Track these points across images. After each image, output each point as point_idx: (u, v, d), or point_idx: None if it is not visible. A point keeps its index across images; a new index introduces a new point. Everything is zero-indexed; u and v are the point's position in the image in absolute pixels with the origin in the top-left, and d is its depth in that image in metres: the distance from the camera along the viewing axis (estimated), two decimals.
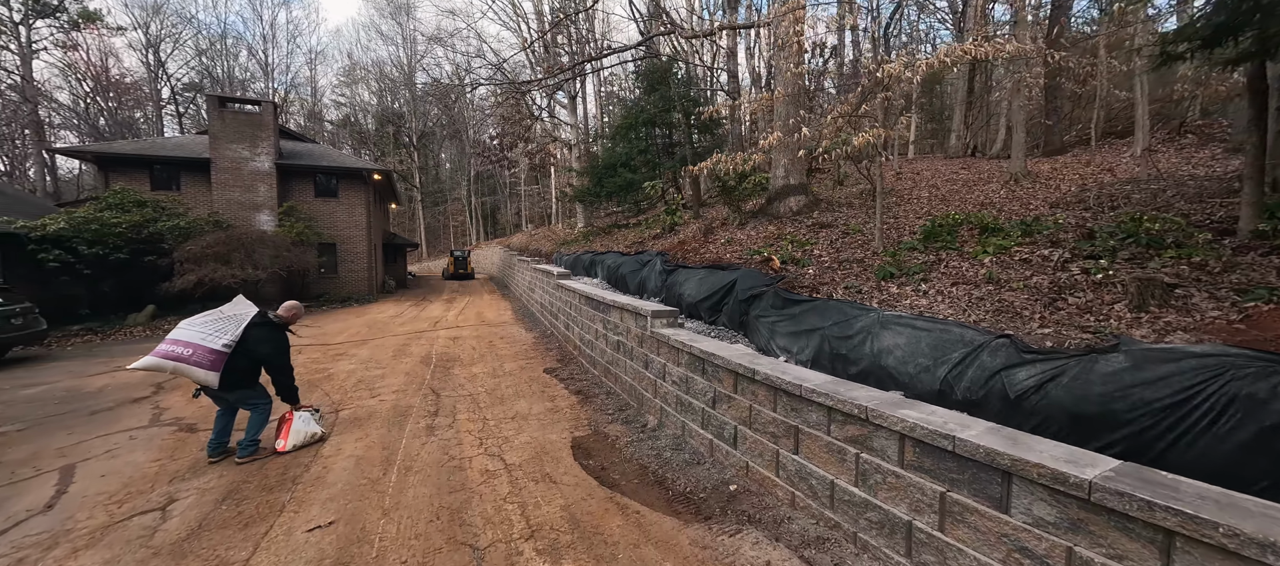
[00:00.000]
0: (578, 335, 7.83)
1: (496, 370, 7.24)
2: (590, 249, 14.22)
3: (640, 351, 5.29)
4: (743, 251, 7.66)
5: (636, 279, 9.29)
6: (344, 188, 18.12)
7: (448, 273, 29.77)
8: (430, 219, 57.99)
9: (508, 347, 8.99)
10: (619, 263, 10.43)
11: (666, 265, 8.37)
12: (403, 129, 52.16)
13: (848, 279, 5.36)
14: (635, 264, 9.64)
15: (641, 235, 12.95)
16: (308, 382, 6.78)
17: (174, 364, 3.74)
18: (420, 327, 11.71)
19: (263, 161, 16.36)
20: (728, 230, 9.12)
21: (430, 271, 42.40)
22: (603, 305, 6.51)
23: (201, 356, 3.77)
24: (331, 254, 17.94)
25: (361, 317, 13.77)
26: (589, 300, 7.19)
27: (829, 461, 2.81)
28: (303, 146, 19.54)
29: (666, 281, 8.04)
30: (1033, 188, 8.92)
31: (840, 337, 4.29)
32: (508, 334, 10.54)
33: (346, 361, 8.16)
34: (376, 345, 9.55)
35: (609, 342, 6.26)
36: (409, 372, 7.25)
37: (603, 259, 11.50)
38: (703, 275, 6.90)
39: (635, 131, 17.25)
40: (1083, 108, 17.53)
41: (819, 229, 7.76)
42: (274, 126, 16.67)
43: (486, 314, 14.10)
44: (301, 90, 55.24)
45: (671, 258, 8.57)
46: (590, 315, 7.11)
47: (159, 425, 5.43)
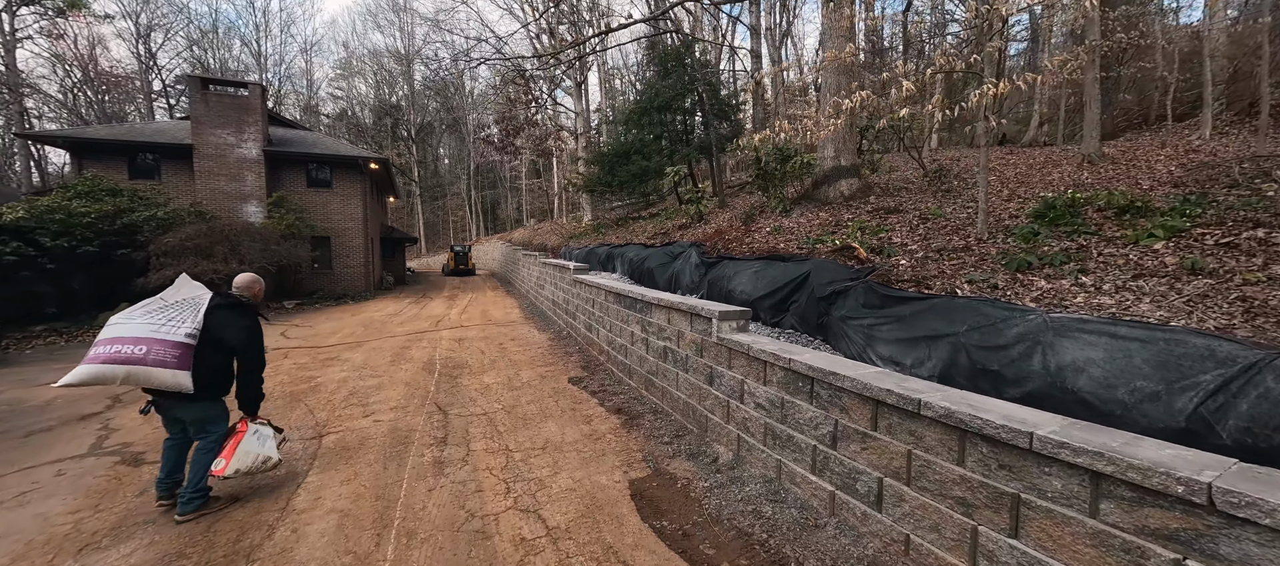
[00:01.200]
0: (604, 337, 6.75)
1: (512, 380, 6.16)
2: (604, 241, 13.13)
3: (700, 362, 4.22)
4: (798, 240, 6.59)
5: (667, 273, 8.20)
6: (338, 178, 16.99)
7: (448, 268, 28.66)
8: (429, 214, 56.81)
9: (521, 351, 7.91)
10: (643, 255, 9.33)
11: (704, 257, 7.29)
12: (401, 121, 50.90)
13: (963, 271, 4.29)
14: (664, 256, 8.55)
15: (663, 226, 11.87)
16: (289, 396, 5.71)
17: (125, 369, 2.75)
18: (421, 327, 10.63)
19: (250, 148, 15.22)
20: (770, 218, 8.05)
21: (430, 267, 41.28)
22: (640, 304, 5.43)
23: (162, 353, 2.82)
24: (325, 248, 16.82)
25: (357, 316, 12.68)
26: (620, 298, 6.11)
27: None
28: (294, 134, 18.38)
29: (707, 276, 6.96)
30: (1116, 169, 7.85)
31: (986, 348, 3.21)
32: (518, 335, 9.46)
33: (337, 368, 7.08)
34: (372, 348, 8.47)
35: (651, 349, 5.18)
36: (410, 382, 6.17)
37: (622, 251, 10.41)
38: (758, 268, 5.82)
39: (649, 116, 16.14)
40: (1126, 90, 16.43)
41: (884, 215, 6.69)
42: (262, 111, 15.52)
43: (492, 312, 13.02)
44: (296, 82, 53.92)
45: (709, 249, 7.50)
46: (622, 315, 6.03)
47: (99, 454, 4.35)
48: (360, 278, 17.25)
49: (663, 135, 16.34)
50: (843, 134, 8.02)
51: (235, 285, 3.41)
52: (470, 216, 51.84)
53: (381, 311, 13.48)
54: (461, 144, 53.30)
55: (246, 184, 15.19)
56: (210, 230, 12.12)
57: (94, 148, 14.35)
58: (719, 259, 6.80)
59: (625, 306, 5.96)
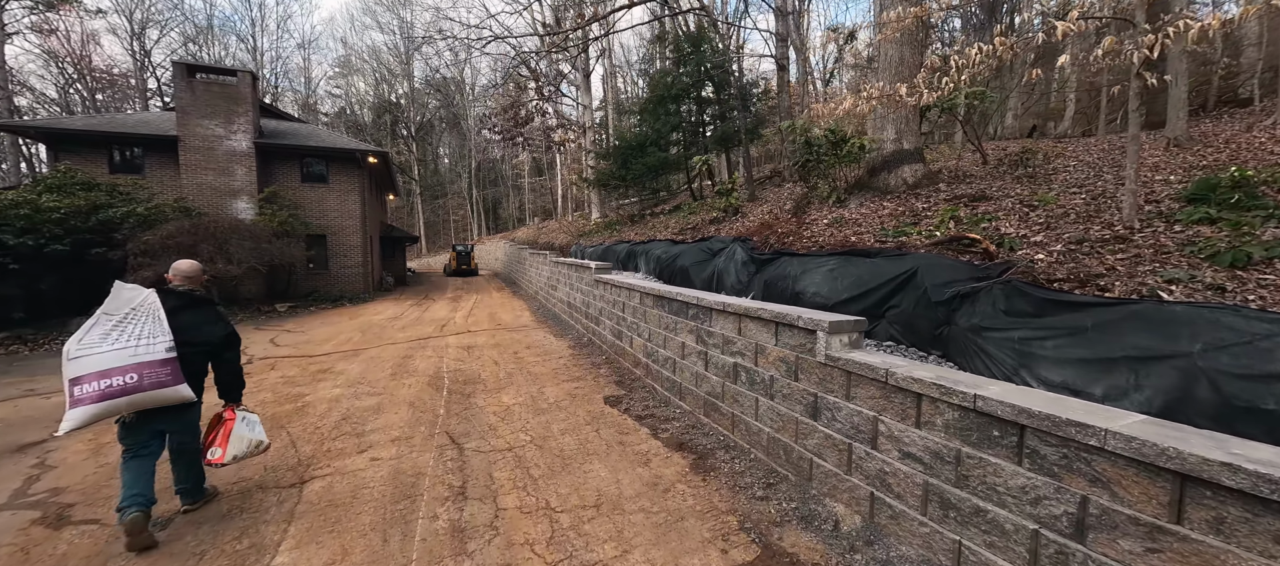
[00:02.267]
0: (640, 347, 5.77)
1: (536, 399, 5.18)
2: (622, 238, 12.15)
3: (795, 387, 3.24)
4: (870, 233, 5.61)
5: (705, 272, 7.23)
6: (335, 172, 16.00)
7: (450, 269, 27.69)
8: (430, 213, 55.85)
9: (540, 361, 6.93)
10: (672, 252, 8.35)
11: (754, 254, 6.31)
12: (401, 119, 49.93)
13: (1140, 267, 3.31)
14: (700, 253, 7.58)
15: (687, 221, 10.88)
16: (271, 420, 4.73)
17: (127, 399, 2.58)
18: (424, 333, 9.64)
19: (240, 140, 14.23)
20: (823, 209, 7.08)
21: (431, 267, 40.31)
22: (695, 309, 4.45)
23: (156, 375, 2.66)
24: (321, 246, 15.84)
25: (355, 320, 11.69)
26: (664, 301, 5.13)
27: None
28: (288, 126, 17.39)
29: (759, 275, 5.99)
30: (1215, 152, 6.87)
31: (1248, 377, 2.23)
32: (534, 342, 8.48)
33: (329, 383, 6.09)
34: (371, 358, 7.48)
35: (714, 366, 4.20)
36: (414, 402, 5.18)
37: (645, 249, 9.42)
38: (833, 266, 4.83)
39: (665, 106, 15.15)
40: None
41: (970, 202, 5.71)
42: (253, 101, 14.54)
43: (500, 315, 12.04)
44: (294, 80, 52.95)
45: (759, 244, 6.52)
46: (666, 322, 5.04)
47: (18, 506, 3.38)
48: (358, 278, 16.26)
49: (680, 126, 15.36)
50: (907, 113, 7.05)
51: (180, 276, 3.05)
52: (472, 215, 50.87)
53: (381, 315, 12.49)
54: (463, 142, 52.32)
55: (236, 178, 14.20)
56: (194, 227, 11.14)
57: (71, 139, 13.36)
58: (776, 255, 5.81)
59: (672, 312, 4.98)
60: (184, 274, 3.04)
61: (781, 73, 13.74)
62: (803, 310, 3.36)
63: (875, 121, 7.33)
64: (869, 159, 7.23)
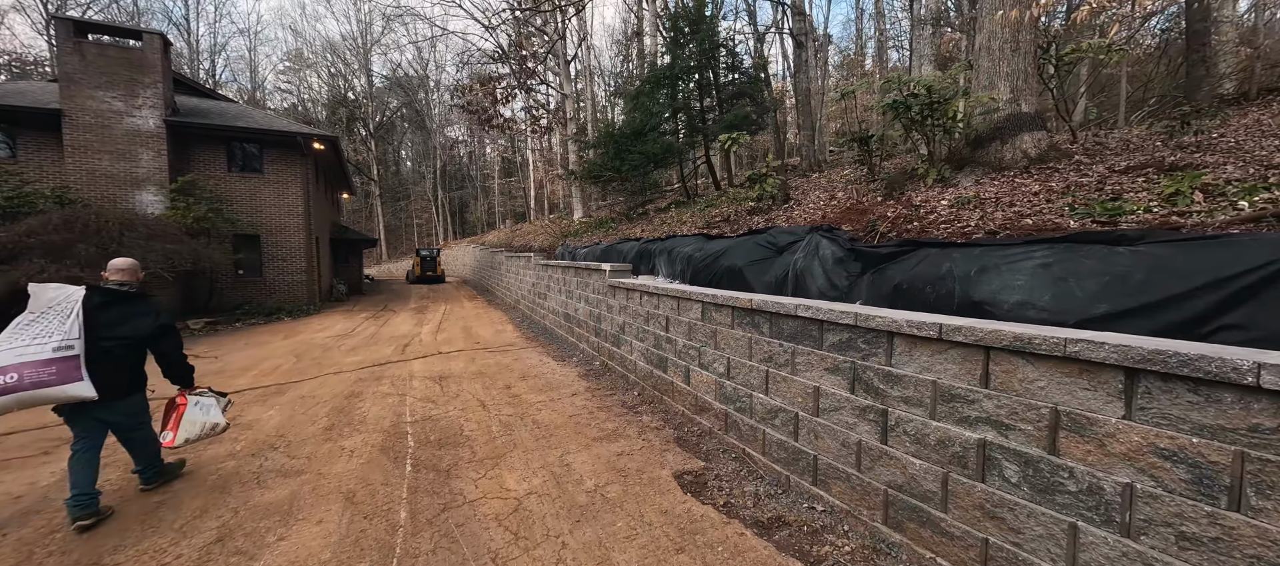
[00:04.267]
0: (709, 385, 3.83)
1: (562, 479, 3.16)
2: (625, 236, 10.19)
3: (1195, 517, 1.37)
4: (1030, 213, 3.88)
5: (769, 272, 5.40)
6: (272, 161, 13.38)
7: (413, 275, 24.96)
8: (391, 216, 52.24)
9: (547, 402, 4.88)
10: (711, 250, 6.47)
11: (853, 246, 4.52)
12: (358, 116, 46.33)
13: None
14: (757, 249, 5.75)
15: (716, 212, 9.03)
16: (81, 546, 2.53)
17: (13, 397, 2.54)
18: (381, 356, 7.38)
19: (146, 118, 11.51)
20: (926, 189, 5.37)
21: (392, 274, 37.14)
22: (839, 332, 2.57)
23: (36, 374, 2.57)
24: (254, 249, 13.16)
25: (291, 339, 9.27)
26: (756, 318, 3.24)
27: None
28: (212, 104, 14.59)
29: (874, 275, 4.19)
30: None
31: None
32: (528, 367, 6.40)
33: (221, 449, 3.87)
34: (300, 398, 5.25)
35: (920, 443, 2.31)
36: (354, 492, 3.08)
37: (666, 247, 7.49)
38: (1049, 258, 3.05)
39: (663, 89, 13.32)
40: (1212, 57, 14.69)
41: (1162, 171, 4.07)
42: (164, 71, 11.84)
43: (478, 330, 9.85)
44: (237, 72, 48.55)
45: (858, 234, 4.71)
46: (766, 350, 3.13)
47: None
48: (301, 287, 13.64)
49: (684, 108, 13.55)
50: (1027, 65, 5.45)
51: (112, 271, 3.05)
52: (437, 218, 47.72)
53: (327, 331, 10.08)
54: (427, 141, 49.14)
55: (140, 164, 11.46)
56: (68, 221, 8.50)
57: None
58: (902, 247, 4.00)
59: (777, 336, 3.09)
60: (117, 269, 3.07)
61: (799, 50, 12.15)
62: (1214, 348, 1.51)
63: (978, 77, 5.67)
64: (976, 127, 5.56)
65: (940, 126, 5.65)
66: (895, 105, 5.63)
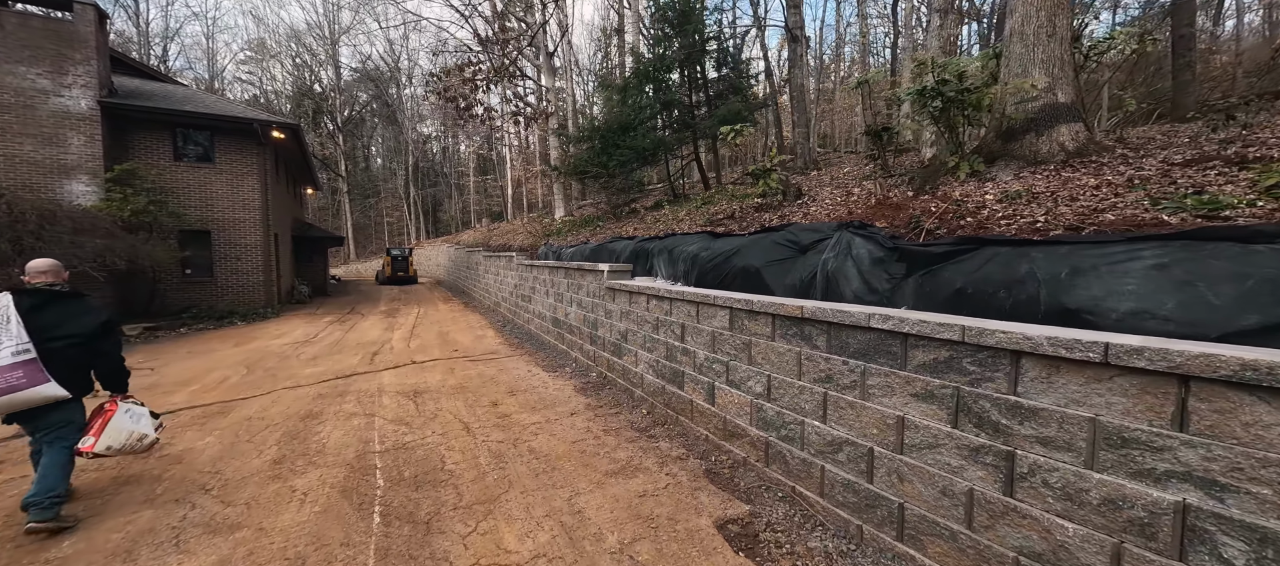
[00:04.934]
0: (744, 407, 3.24)
1: (575, 532, 2.51)
2: (617, 234, 9.54)
3: None
4: (1086, 210, 3.42)
5: (793, 274, 4.88)
6: (225, 149, 12.20)
7: (383, 276, 23.70)
8: (359, 215, 50.16)
9: (542, 423, 4.21)
10: (720, 249, 5.90)
11: (895, 245, 4.02)
12: (324, 109, 44.23)
13: None
14: (775, 247, 5.22)
15: (717, 209, 8.46)
16: None
17: None
18: (345, 366, 6.54)
19: (76, 98, 10.26)
20: (961, 184, 4.91)
21: (360, 275, 35.50)
22: (938, 349, 2.00)
23: (8, 380, 2.51)
24: (203, 246, 11.96)
25: (243, 347, 8.28)
26: (804, 328, 2.66)
27: None
28: (156, 86, 13.26)
29: (923, 276, 3.67)
30: None
31: None
32: (516, 379, 5.69)
33: (139, 490, 3.07)
34: (247, 420, 4.42)
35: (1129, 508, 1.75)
36: (304, 558, 2.35)
37: (665, 246, 6.88)
38: (1166, 258, 2.54)
39: (652, 83, 12.73)
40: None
41: (1188, 168, 3.68)
42: (99, 47, 10.61)
43: (455, 335, 9.04)
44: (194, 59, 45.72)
45: (898, 231, 4.20)
46: (823, 368, 2.57)
47: None
48: (257, 288, 12.49)
49: (670, 105, 12.99)
50: (1062, 51, 5.07)
51: (35, 273, 2.85)
52: (409, 216, 46.04)
53: (285, 337, 9.09)
54: (398, 137, 47.38)
55: (69, 150, 10.21)
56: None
57: None
58: (960, 244, 3.49)
59: (841, 352, 2.53)
60: (38, 270, 2.89)
61: (794, 44, 11.73)
62: None
63: (1009, 65, 5.26)
64: (1012, 117, 5.13)
65: (965, 117, 5.21)
66: (923, 92, 5.17)
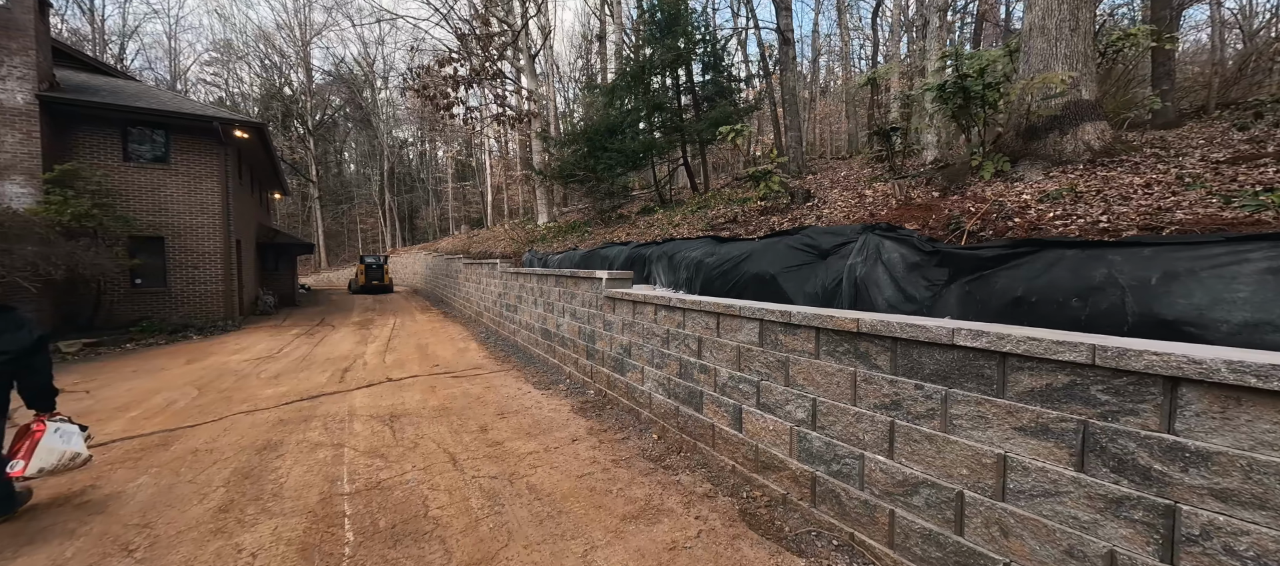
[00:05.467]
0: (782, 435, 2.80)
1: None
2: (610, 239, 9.06)
3: None
4: (1155, 207, 3.11)
5: (814, 281, 4.55)
6: (182, 149, 11.31)
7: (356, 285, 22.65)
8: (331, 221, 48.46)
9: (541, 452, 3.69)
10: (727, 255, 5.54)
11: (936, 248, 3.69)
12: (294, 112, 42.65)
13: None
14: (791, 252, 4.88)
15: (722, 212, 8.06)
16: None
17: None
18: (312, 386, 5.86)
19: (10, 91, 9.32)
20: (979, 183, 4.59)
21: (332, 284, 34.12)
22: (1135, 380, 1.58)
23: None
24: (156, 253, 11.02)
25: (196, 364, 7.49)
26: (878, 347, 2.22)
27: None
28: (106, 81, 12.27)
29: (971, 282, 3.36)
30: None
31: None
32: (505, 398, 5.13)
33: (43, 549, 2.44)
34: (193, 455, 3.77)
35: None
36: None
37: (665, 251, 6.47)
38: None
39: (642, 85, 12.35)
40: None
41: (1232, 165, 3.44)
42: (39, 36, 9.70)
43: (435, 347, 8.40)
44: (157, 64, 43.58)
45: (932, 233, 3.84)
46: (909, 399, 2.13)
47: None
48: (217, 299, 11.57)
49: (658, 108, 12.63)
50: (1085, 46, 4.84)
51: None
52: (384, 223, 44.66)
53: (245, 352, 8.31)
54: (373, 141, 46.00)
55: (2, 148, 9.25)
56: None
57: None
58: (1013, 249, 3.16)
59: (942, 379, 2.10)
60: None
61: (785, 47, 11.51)
62: None
63: (1029, 60, 5.00)
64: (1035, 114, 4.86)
65: (984, 115, 4.92)
66: (944, 89, 4.88)
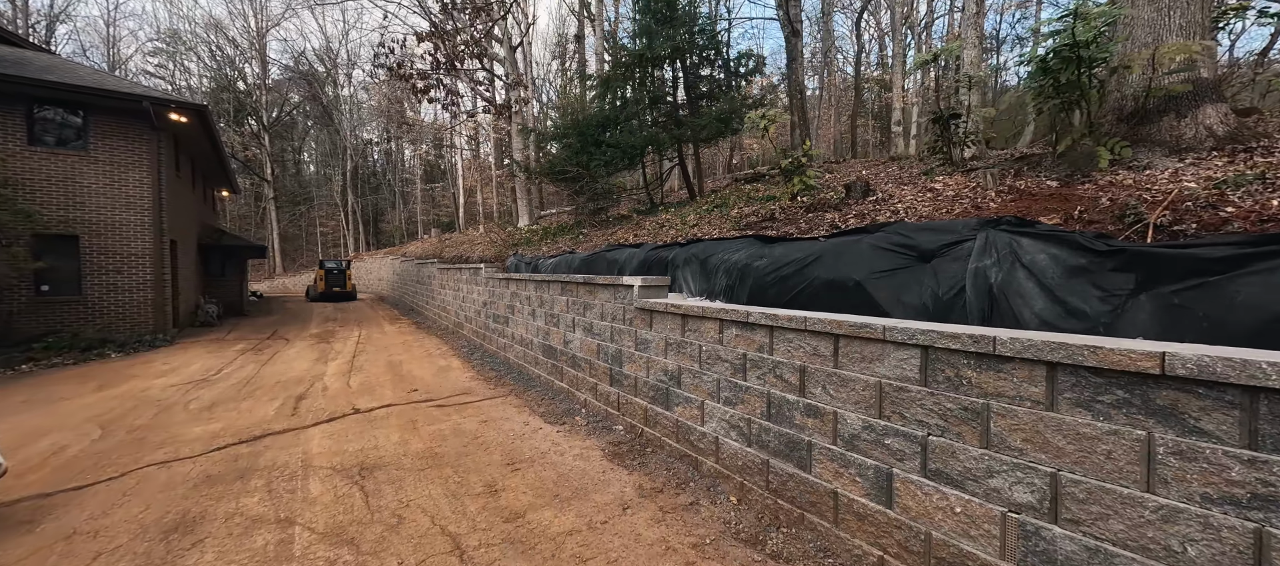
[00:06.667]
0: (961, 510, 1.82)
1: None
2: (619, 241, 8.00)
3: None
4: None
5: (912, 291, 3.62)
6: (104, 134, 9.62)
7: (316, 292, 20.68)
8: (289, 223, 45.47)
9: (592, 542, 2.61)
10: (787, 257, 4.60)
11: (1117, 246, 2.76)
12: (249, 105, 39.76)
13: None
14: (876, 254, 3.98)
15: (752, 209, 7.10)
16: None
17: None
18: (255, 422, 4.56)
19: None
20: (1108, 172, 3.79)
21: (288, 290, 31.64)
22: None
23: None
24: (68, 255, 9.29)
25: (108, 392, 6.01)
26: None
27: None
28: (8, 51, 10.40)
29: (1167, 298, 2.40)
30: None
31: None
32: (509, 439, 4.00)
33: None
34: (66, 543, 2.50)
35: None
36: None
37: (693, 253, 5.46)
38: None
39: (642, 72, 11.39)
40: None
41: None
42: None
43: (411, 366, 7.13)
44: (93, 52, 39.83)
45: (1092, 227, 2.98)
46: None
47: None
48: (145, 309, 9.88)
49: (661, 99, 11.68)
50: (1202, 18, 4.16)
51: None
52: (347, 227, 42.16)
53: (174, 375, 6.82)
54: (335, 140, 43.43)
55: None
56: None
57: None
58: (1256, 245, 2.26)
59: None
60: None
61: (793, 40, 10.78)
62: None
63: (1134, 33, 4.27)
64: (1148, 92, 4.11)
65: (1094, 95, 4.17)
66: (1048, 60, 4.10)
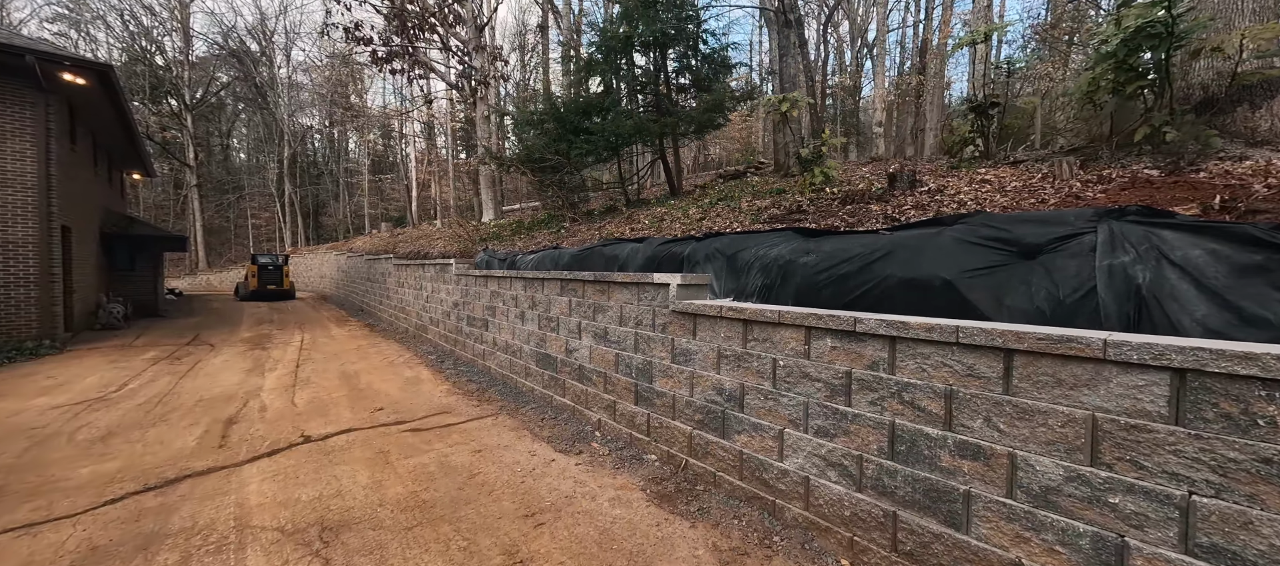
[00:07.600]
0: None
1: None
2: (614, 235, 7.18)
3: None
4: None
5: (1018, 291, 2.92)
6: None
7: (247, 290, 18.39)
8: (215, 215, 41.34)
9: None
10: (843, 253, 3.83)
11: None
12: (167, 80, 35.68)
13: None
14: (965, 249, 3.28)
15: (777, 201, 6.44)
16: None
17: None
18: (165, 458, 3.42)
19: None
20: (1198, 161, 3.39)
21: (213, 288, 28.52)
22: None
23: None
24: None
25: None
26: None
27: None
28: None
29: None
30: None
31: None
32: (522, 478, 3.14)
33: None
34: None
35: None
36: None
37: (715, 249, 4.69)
38: None
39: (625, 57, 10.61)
40: None
41: None
42: None
43: (371, 378, 6.01)
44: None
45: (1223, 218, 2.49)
46: None
47: None
48: (26, 308, 8.10)
49: (647, 87, 10.94)
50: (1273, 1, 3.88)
51: None
52: (283, 219, 38.75)
53: (61, 392, 5.39)
54: (270, 125, 39.83)
55: None
56: None
57: None
58: None
59: None
60: None
61: (787, 30, 10.33)
62: None
63: (1198, 14, 3.95)
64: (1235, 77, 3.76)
65: (1172, 78, 3.80)
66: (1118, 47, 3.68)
